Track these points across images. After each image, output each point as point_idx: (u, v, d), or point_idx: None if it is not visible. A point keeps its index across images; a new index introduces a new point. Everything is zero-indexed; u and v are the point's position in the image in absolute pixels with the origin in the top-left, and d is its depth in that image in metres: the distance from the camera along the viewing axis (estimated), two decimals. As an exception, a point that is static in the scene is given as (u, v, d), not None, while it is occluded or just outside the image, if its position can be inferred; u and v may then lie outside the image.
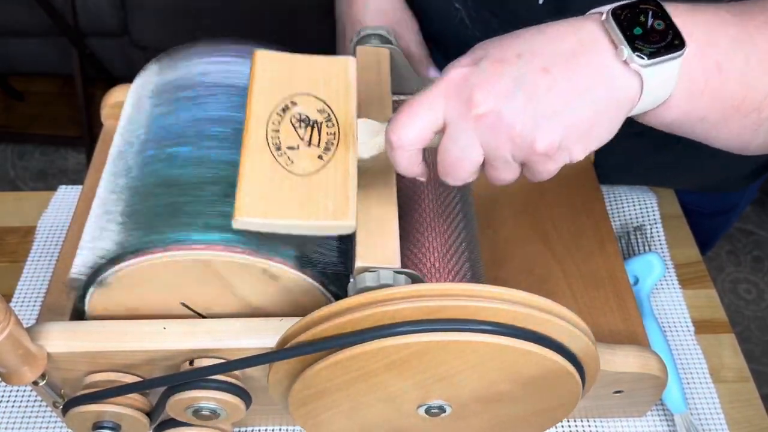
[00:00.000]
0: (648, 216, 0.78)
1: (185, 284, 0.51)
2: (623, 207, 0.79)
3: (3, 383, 0.65)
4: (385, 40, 0.63)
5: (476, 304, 0.43)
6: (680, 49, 0.41)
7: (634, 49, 0.40)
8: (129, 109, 0.61)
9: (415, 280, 0.48)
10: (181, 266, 0.49)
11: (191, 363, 0.50)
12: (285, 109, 0.49)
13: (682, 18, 0.42)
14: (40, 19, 1.70)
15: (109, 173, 0.57)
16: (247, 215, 0.45)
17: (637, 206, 0.78)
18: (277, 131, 0.48)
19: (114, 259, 0.50)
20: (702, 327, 0.70)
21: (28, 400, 0.64)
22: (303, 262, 0.50)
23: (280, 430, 0.62)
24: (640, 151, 0.71)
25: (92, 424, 0.52)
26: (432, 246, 0.55)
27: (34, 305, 0.70)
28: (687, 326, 0.70)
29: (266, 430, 0.62)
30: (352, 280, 0.48)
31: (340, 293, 0.53)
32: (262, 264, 0.49)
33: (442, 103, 0.43)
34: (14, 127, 1.97)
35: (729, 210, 0.88)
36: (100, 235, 0.52)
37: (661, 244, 0.76)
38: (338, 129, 0.49)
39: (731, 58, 0.43)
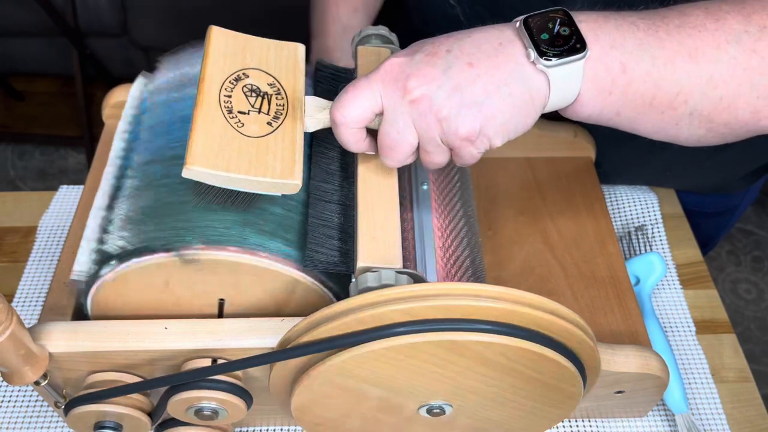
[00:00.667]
0: (649, 216, 0.78)
1: (187, 284, 0.51)
2: (623, 207, 0.79)
3: (4, 383, 0.65)
4: (385, 40, 0.63)
5: (478, 304, 0.43)
6: (581, 52, 0.46)
7: (540, 52, 0.46)
8: (130, 110, 0.61)
9: (416, 280, 0.48)
10: (178, 267, 0.49)
11: (215, 361, 0.50)
12: (237, 79, 0.52)
13: (590, 24, 0.47)
14: (40, 19, 1.70)
15: (110, 173, 0.57)
16: (199, 165, 0.47)
17: (637, 206, 0.78)
18: (230, 97, 0.51)
19: (115, 259, 0.50)
20: (703, 327, 0.70)
21: (29, 401, 0.64)
22: (305, 263, 0.50)
23: (280, 430, 0.62)
24: (640, 151, 0.72)
25: (94, 424, 0.52)
26: (433, 246, 0.55)
27: (35, 305, 0.70)
28: (688, 326, 0.70)
29: (267, 430, 0.62)
30: (353, 280, 0.48)
31: (342, 293, 0.53)
32: (264, 264, 0.49)
33: (380, 87, 0.47)
34: (14, 127, 1.97)
35: (729, 211, 0.88)
36: (101, 235, 0.52)
37: (662, 244, 0.76)
38: (287, 102, 0.53)
39: (637, 60, 0.47)
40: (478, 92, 0.46)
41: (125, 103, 0.63)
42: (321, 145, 0.57)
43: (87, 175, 0.64)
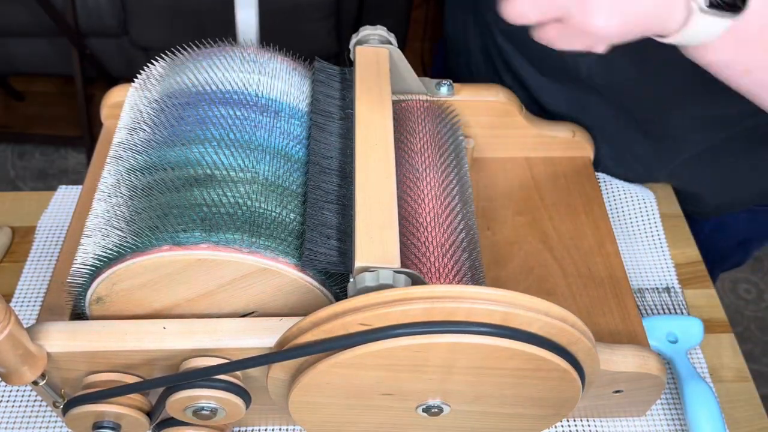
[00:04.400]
0: (647, 215, 0.78)
1: (185, 284, 0.51)
2: (623, 206, 0.78)
3: (3, 383, 0.65)
4: (383, 40, 0.63)
5: (475, 306, 0.43)
6: (737, 13, 0.44)
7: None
8: (128, 110, 0.61)
9: (414, 279, 0.48)
10: (181, 266, 0.49)
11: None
12: None
13: None
14: (40, 19, 1.70)
15: (108, 174, 0.57)
16: None
17: (636, 205, 0.78)
18: None
19: (114, 259, 0.50)
20: (701, 327, 0.70)
21: (28, 400, 0.64)
22: (303, 262, 0.50)
23: (280, 430, 0.62)
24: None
25: (92, 424, 0.52)
26: (432, 246, 0.55)
27: (34, 305, 0.70)
28: (686, 326, 0.70)
29: (266, 430, 0.62)
30: (351, 279, 0.48)
31: (341, 293, 0.53)
32: (263, 264, 0.49)
33: None
34: (14, 127, 1.97)
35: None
36: (100, 235, 0.52)
37: (661, 243, 0.76)
38: None
39: None
40: None
41: (123, 104, 0.63)
42: (319, 144, 0.57)
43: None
